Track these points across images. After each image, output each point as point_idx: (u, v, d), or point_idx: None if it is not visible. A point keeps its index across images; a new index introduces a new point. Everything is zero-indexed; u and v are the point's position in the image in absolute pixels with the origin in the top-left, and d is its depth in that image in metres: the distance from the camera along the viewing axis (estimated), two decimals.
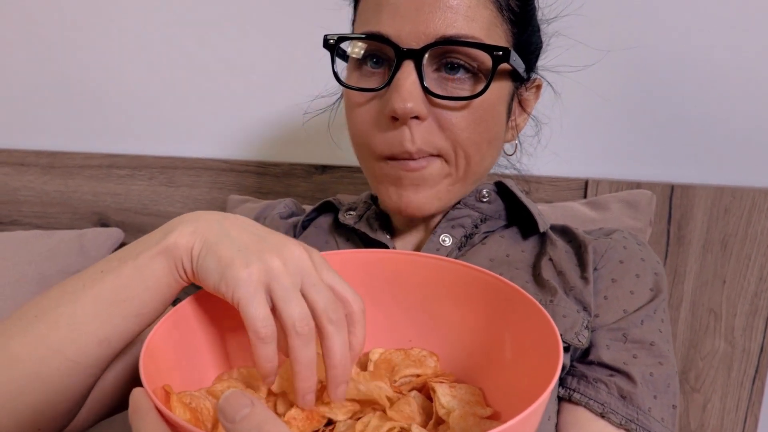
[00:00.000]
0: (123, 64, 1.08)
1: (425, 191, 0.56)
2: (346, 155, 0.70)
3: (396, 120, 0.53)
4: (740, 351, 0.90)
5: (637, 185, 0.89)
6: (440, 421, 0.40)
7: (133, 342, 0.47)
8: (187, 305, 0.42)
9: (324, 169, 1.02)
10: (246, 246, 0.39)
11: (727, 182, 0.90)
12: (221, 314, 0.44)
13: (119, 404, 0.50)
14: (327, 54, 0.58)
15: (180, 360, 0.40)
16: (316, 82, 0.72)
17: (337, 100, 0.71)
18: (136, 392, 0.33)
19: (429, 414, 0.41)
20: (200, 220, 0.42)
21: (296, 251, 0.39)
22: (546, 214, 0.80)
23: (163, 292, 0.42)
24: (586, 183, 0.92)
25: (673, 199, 0.89)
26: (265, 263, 0.38)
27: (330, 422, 0.41)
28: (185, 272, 0.41)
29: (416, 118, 0.53)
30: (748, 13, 0.84)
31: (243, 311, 0.37)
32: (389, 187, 0.57)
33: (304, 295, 0.38)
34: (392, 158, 0.55)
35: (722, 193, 0.87)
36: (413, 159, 0.54)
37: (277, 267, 0.38)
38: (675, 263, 0.90)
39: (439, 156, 0.55)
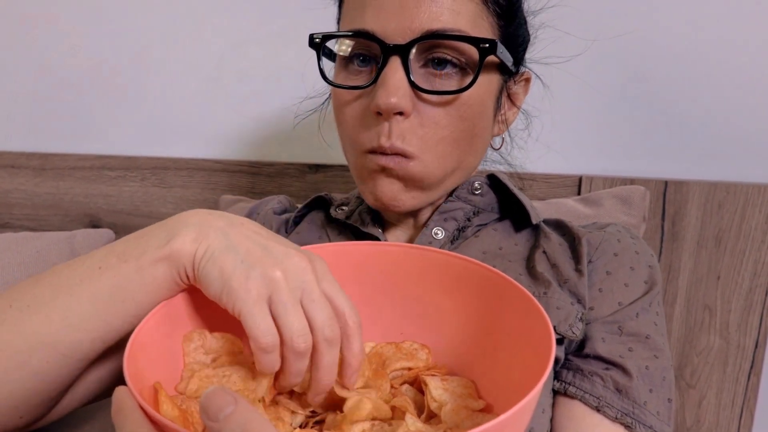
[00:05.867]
0: (114, 65, 1.07)
1: (403, 189, 0.56)
2: (339, 154, 0.70)
3: (380, 115, 0.53)
4: (735, 347, 0.90)
5: (631, 181, 0.89)
6: (432, 415, 0.40)
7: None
8: (174, 300, 0.41)
9: (317, 168, 1.01)
10: (249, 257, 0.39)
11: (721, 178, 0.90)
12: (210, 308, 0.43)
13: (104, 392, 0.49)
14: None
15: (167, 355, 0.40)
16: (308, 82, 0.72)
17: (325, 101, 0.71)
18: (119, 391, 0.32)
19: (421, 407, 0.41)
20: (204, 225, 0.41)
21: (299, 262, 0.39)
22: (539, 210, 0.80)
23: (162, 295, 0.41)
24: (580, 179, 0.92)
25: (666, 195, 0.89)
26: (266, 276, 0.38)
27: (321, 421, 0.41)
28: (187, 277, 0.40)
29: (401, 114, 0.52)
30: (742, 6, 0.84)
31: (244, 323, 0.37)
32: (368, 181, 0.57)
33: (303, 308, 0.38)
34: (372, 152, 0.55)
35: (716, 189, 0.87)
36: (386, 154, 0.54)
37: (278, 280, 0.38)
38: (669, 259, 0.90)
39: (413, 158, 0.54)
